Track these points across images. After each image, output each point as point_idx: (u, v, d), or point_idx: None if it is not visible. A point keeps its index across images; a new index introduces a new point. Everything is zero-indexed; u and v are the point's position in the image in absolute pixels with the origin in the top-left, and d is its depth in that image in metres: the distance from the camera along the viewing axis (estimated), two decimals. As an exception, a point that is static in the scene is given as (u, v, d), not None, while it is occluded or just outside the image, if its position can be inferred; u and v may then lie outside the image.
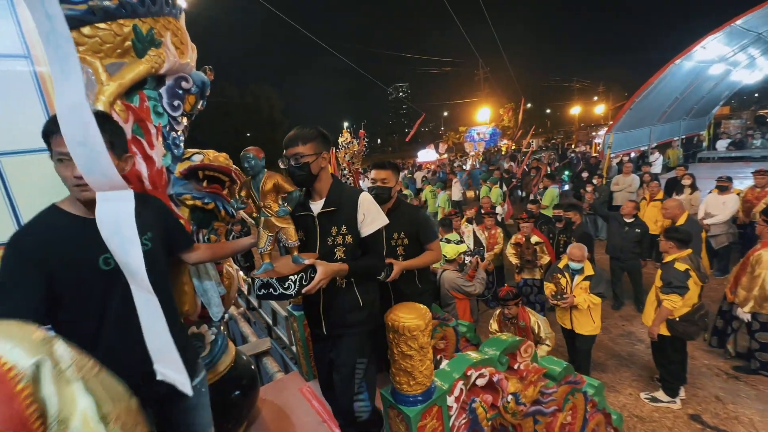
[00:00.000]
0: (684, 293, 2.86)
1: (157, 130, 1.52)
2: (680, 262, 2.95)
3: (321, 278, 1.38)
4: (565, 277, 3.41)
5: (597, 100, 46.86)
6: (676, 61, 9.42)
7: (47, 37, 0.78)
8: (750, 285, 3.22)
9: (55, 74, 0.80)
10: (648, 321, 3.15)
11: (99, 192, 0.93)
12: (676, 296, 2.87)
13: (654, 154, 10.92)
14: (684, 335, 2.97)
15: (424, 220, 2.28)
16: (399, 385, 1.35)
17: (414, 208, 2.46)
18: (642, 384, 3.46)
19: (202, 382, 1.38)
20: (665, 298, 2.92)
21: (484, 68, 34.62)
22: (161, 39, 1.45)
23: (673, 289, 2.89)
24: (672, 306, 2.89)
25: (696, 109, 14.27)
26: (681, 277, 2.89)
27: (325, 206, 1.54)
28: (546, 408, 1.85)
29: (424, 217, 2.34)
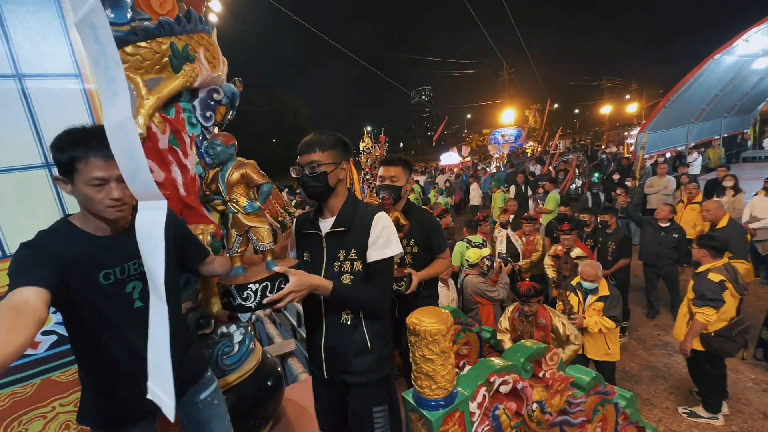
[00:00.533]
0: (719, 306, 2.66)
1: (191, 140, 1.61)
2: (714, 272, 2.75)
3: (291, 290, 1.17)
4: (577, 295, 3.15)
5: (629, 98, 44.97)
6: (716, 56, 8.92)
7: (97, 60, 0.85)
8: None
9: (104, 93, 0.87)
10: (680, 335, 2.96)
11: (140, 201, 0.99)
12: (709, 309, 2.67)
13: (692, 155, 10.35)
14: (720, 352, 2.76)
15: (435, 227, 2.10)
16: (421, 389, 1.36)
17: (426, 213, 2.25)
18: (679, 398, 3.27)
19: (214, 394, 1.36)
20: (698, 311, 2.73)
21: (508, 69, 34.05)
22: (195, 54, 1.54)
23: (707, 301, 2.69)
24: (705, 320, 2.70)
25: (739, 106, 13.40)
26: (715, 288, 2.69)
27: (335, 225, 1.34)
28: (574, 419, 1.79)
29: (435, 225, 2.15)
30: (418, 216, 2.07)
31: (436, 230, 2.09)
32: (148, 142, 1.42)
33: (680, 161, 10.24)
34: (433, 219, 2.18)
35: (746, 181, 6.21)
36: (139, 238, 1.00)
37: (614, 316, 3.00)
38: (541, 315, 2.87)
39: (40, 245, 1.01)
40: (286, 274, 1.20)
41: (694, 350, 2.85)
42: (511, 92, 34.18)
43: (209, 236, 1.56)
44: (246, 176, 1.25)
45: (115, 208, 1.07)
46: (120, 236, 1.14)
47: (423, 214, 2.14)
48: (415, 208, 2.14)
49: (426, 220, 2.08)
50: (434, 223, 2.12)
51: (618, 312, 3.04)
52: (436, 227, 2.11)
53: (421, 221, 2.05)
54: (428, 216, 2.18)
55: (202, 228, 1.56)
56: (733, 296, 2.73)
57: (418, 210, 2.16)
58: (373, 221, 1.34)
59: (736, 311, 2.77)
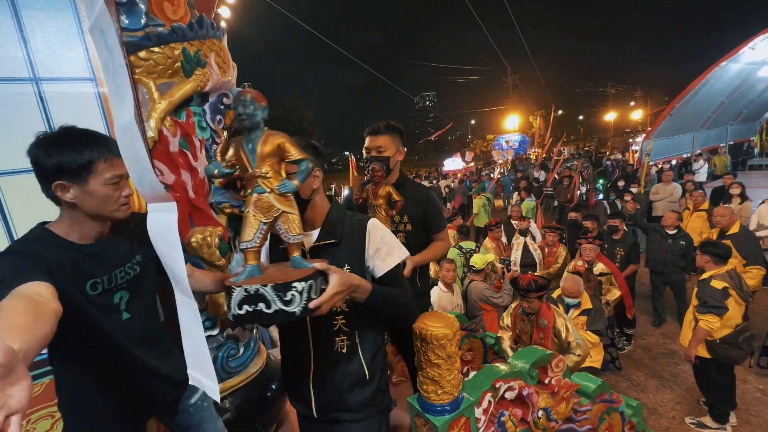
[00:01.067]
0: (722, 313, 2.64)
1: (201, 144, 1.63)
2: (718, 279, 2.74)
3: (336, 291, 0.97)
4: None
5: (634, 105, 44.96)
6: (722, 64, 8.92)
7: (106, 65, 0.87)
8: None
9: (113, 97, 0.89)
10: (686, 342, 2.94)
11: (149, 203, 1.01)
12: (712, 316, 2.66)
13: (698, 162, 10.29)
14: (726, 359, 2.74)
15: (433, 204, 1.87)
16: (426, 393, 1.35)
17: (422, 187, 2.00)
18: (687, 407, 3.23)
19: (203, 397, 1.36)
20: (701, 318, 2.72)
21: (512, 75, 34.15)
22: (206, 59, 1.57)
23: (709, 308, 2.68)
24: (709, 327, 2.68)
25: (745, 113, 13.35)
26: (718, 295, 2.68)
27: (322, 238, 1.16)
28: (579, 426, 1.77)
29: (434, 201, 1.90)
30: (413, 190, 1.86)
31: (435, 206, 1.87)
32: (160, 145, 1.44)
33: (686, 168, 10.20)
34: (430, 194, 1.95)
35: (753, 189, 6.16)
36: (152, 240, 1.01)
37: (598, 330, 2.94)
38: (544, 315, 2.68)
39: (26, 252, 0.95)
40: (326, 272, 0.99)
41: (701, 358, 2.82)
42: (516, 98, 34.28)
43: (217, 238, 1.57)
44: (282, 148, 0.99)
45: (126, 206, 1.08)
46: (104, 243, 1.10)
47: (419, 189, 1.93)
48: (409, 182, 1.94)
49: (422, 195, 1.87)
50: (431, 198, 1.90)
51: (602, 325, 2.97)
52: (434, 203, 1.89)
53: (416, 195, 1.84)
54: (425, 190, 1.96)
55: (210, 230, 1.57)
56: (738, 303, 2.71)
57: (413, 184, 1.95)
58: (368, 231, 1.18)
59: (741, 318, 2.74)
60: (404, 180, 1.91)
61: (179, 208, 1.57)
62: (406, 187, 1.85)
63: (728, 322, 2.69)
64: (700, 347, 2.80)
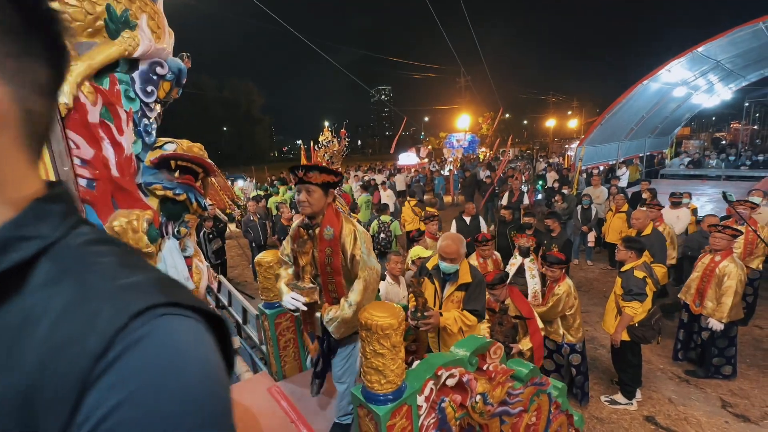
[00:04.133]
0: (644, 300, 3.02)
1: (128, 116, 1.45)
2: (638, 269, 3.12)
3: None
4: (434, 283, 2.45)
5: (571, 114, 48.97)
6: (644, 82, 10.00)
7: None
8: (718, 296, 3.40)
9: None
10: (608, 328, 3.29)
11: None
12: (636, 303, 3.03)
13: (621, 169, 11.51)
14: (642, 340, 3.13)
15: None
16: (370, 383, 1.35)
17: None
18: (602, 387, 3.61)
19: None
20: (626, 305, 3.07)
21: (465, 76, 35.33)
22: (136, 21, 1.40)
23: (634, 296, 3.05)
24: (633, 313, 3.04)
25: (660, 128, 15.17)
26: (640, 284, 3.05)
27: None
28: (512, 408, 1.89)
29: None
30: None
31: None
32: (75, 113, 1.26)
33: (612, 174, 11.35)
34: None
35: (663, 194, 7.03)
36: None
37: (475, 310, 2.35)
38: (329, 221, 2.07)
39: None
40: None
41: (622, 341, 3.18)
42: (467, 99, 35.54)
43: (145, 223, 1.42)
44: None
45: None
46: None
47: None
48: None
49: None
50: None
51: (481, 305, 2.40)
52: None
53: None
54: None
55: (137, 214, 1.41)
56: (651, 289, 3.10)
57: None
58: None
59: (652, 303, 3.14)
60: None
61: (100, 186, 1.39)
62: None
63: (644, 307, 3.07)
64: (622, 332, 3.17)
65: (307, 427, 1.91)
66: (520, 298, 2.96)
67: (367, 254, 1.80)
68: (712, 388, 3.51)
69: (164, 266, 1.57)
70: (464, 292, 2.37)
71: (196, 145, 1.71)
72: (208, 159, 1.72)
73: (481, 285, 2.43)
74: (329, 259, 1.78)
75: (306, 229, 1.82)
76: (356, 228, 1.83)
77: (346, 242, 1.77)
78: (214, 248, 6.86)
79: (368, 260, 1.80)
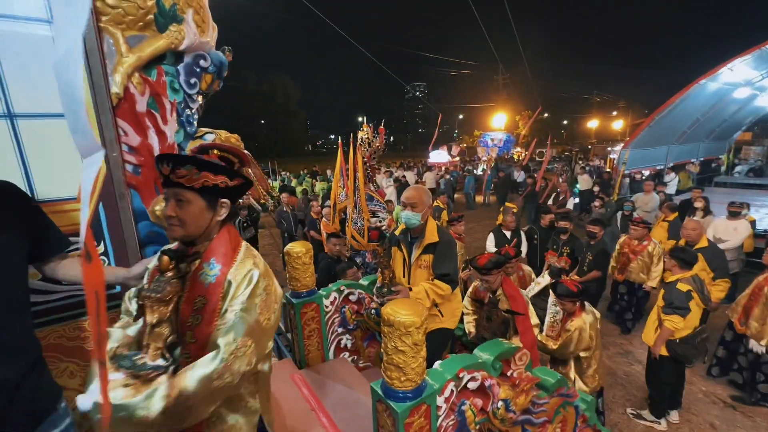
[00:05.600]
0: (685, 314, 2.81)
1: (172, 106, 1.53)
2: (683, 282, 2.90)
3: None
4: (401, 250, 2.20)
5: (616, 114, 46.27)
6: (701, 81, 9.23)
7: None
8: (764, 317, 3.13)
9: (58, 17, 0.74)
10: (648, 341, 3.10)
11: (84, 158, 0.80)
12: (677, 317, 2.82)
13: (669, 175, 10.75)
14: (683, 358, 2.92)
15: None
16: (390, 380, 1.35)
17: None
18: (635, 404, 3.41)
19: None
20: (666, 318, 2.88)
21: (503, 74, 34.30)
22: (183, 15, 1.46)
23: (675, 309, 2.84)
24: (673, 327, 2.84)
25: (717, 132, 13.98)
26: (683, 297, 2.84)
27: None
28: (536, 418, 1.83)
29: None
30: None
31: None
32: (125, 102, 1.34)
33: (659, 180, 10.63)
34: None
35: (716, 204, 6.47)
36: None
37: (446, 274, 2.05)
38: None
39: None
40: None
41: (660, 356, 2.99)
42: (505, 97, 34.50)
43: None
44: None
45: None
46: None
47: None
48: None
49: None
50: None
51: (452, 268, 2.08)
52: None
53: None
54: None
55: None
56: (699, 306, 2.88)
57: None
58: None
59: (700, 321, 2.92)
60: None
61: (144, 172, 1.47)
62: None
63: (688, 323, 2.86)
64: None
65: (326, 416, 1.94)
66: (513, 290, 2.58)
67: (253, 316, 1.07)
68: (762, 417, 3.21)
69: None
70: (432, 255, 2.12)
71: (233, 135, 1.77)
72: (244, 150, 1.77)
73: (450, 245, 2.15)
74: (195, 319, 1.06)
75: (175, 261, 1.10)
76: (262, 270, 1.14)
77: (230, 291, 1.07)
78: (247, 237, 7.13)
79: (245, 325, 1.05)
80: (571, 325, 2.66)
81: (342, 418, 1.94)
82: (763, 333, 3.12)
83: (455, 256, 2.18)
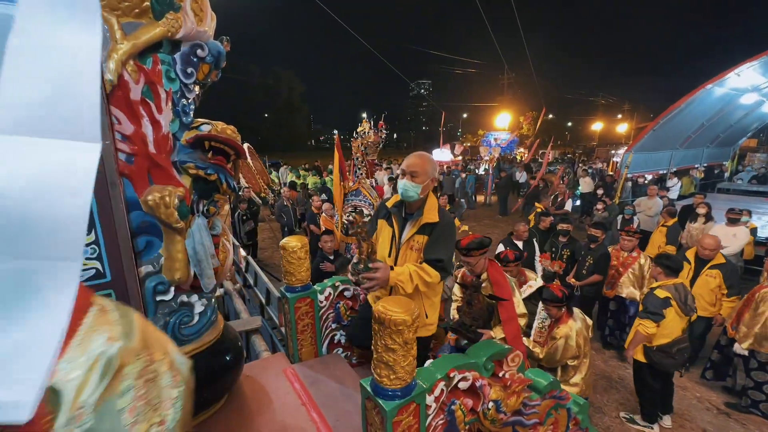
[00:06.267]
0: (658, 320, 2.80)
1: (168, 95, 1.51)
2: (662, 289, 2.89)
3: None
4: (392, 226, 1.91)
5: (621, 118, 46.06)
6: (708, 86, 9.17)
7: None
8: (752, 322, 3.14)
9: None
10: (627, 344, 3.13)
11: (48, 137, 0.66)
12: (649, 321, 2.83)
13: (672, 180, 10.70)
14: (659, 366, 2.91)
15: None
16: (379, 377, 1.34)
17: None
18: (629, 408, 3.41)
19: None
20: (640, 322, 2.91)
21: (508, 73, 34.14)
22: (180, 3, 1.43)
23: (648, 314, 2.86)
24: (645, 331, 2.84)
25: (722, 137, 13.90)
26: (658, 303, 2.84)
27: None
28: (527, 420, 1.82)
29: None
30: None
31: None
32: (119, 90, 1.32)
33: (661, 185, 10.57)
34: None
35: (718, 211, 6.44)
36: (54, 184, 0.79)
37: (439, 260, 1.72)
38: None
39: None
40: None
41: (638, 361, 3.01)
42: (509, 97, 34.36)
43: (176, 199, 1.47)
44: None
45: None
46: None
47: None
48: None
49: None
50: None
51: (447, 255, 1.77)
52: None
53: None
54: None
55: (170, 190, 1.47)
56: (678, 315, 2.84)
57: None
58: None
59: (681, 331, 2.88)
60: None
61: (137, 161, 1.46)
62: None
63: (665, 331, 2.84)
64: (639, 352, 2.98)
65: (317, 411, 1.94)
66: (499, 275, 2.37)
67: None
68: (756, 425, 3.21)
69: (192, 242, 1.64)
70: (427, 237, 1.80)
71: (229, 127, 1.75)
72: (239, 141, 1.75)
73: (451, 228, 1.86)
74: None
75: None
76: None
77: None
78: (246, 229, 7.14)
79: None
80: (557, 333, 2.61)
81: (332, 413, 1.93)
82: (747, 336, 3.13)
83: (453, 243, 1.94)
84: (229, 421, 1.90)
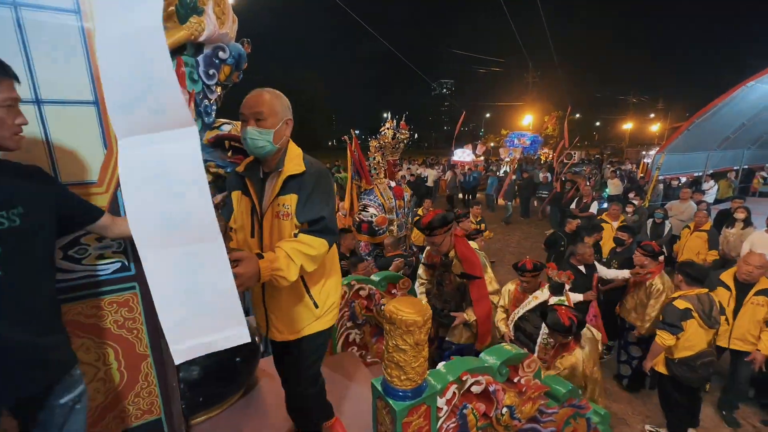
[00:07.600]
0: (676, 333, 2.63)
1: (191, 96, 1.56)
2: (683, 299, 2.71)
3: None
4: (249, 195, 1.51)
5: (653, 117, 44.00)
6: (749, 83, 8.61)
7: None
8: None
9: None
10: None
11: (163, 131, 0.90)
12: (666, 333, 2.67)
13: (708, 182, 10.13)
14: (681, 379, 2.74)
15: None
16: (390, 377, 1.34)
17: None
18: (655, 421, 3.25)
19: (78, 398, 1.15)
20: (658, 333, 2.75)
21: (533, 72, 33.32)
22: (203, 7, 1.48)
23: (665, 325, 2.70)
24: (662, 343, 2.68)
25: (765, 138, 13.03)
26: (677, 314, 2.67)
27: None
28: (543, 428, 1.77)
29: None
30: None
31: None
32: (144, 92, 1.38)
33: (696, 188, 10.03)
34: None
35: (758, 216, 6.03)
36: (172, 177, 0.92)
37: (317, 219, 1.39)
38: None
39: None
40: None
41: (661, 374, 2.86)
42: (533, 96, 33.53)
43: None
44: None
45: (20, 135, 1.02)
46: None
47: None
48: None
49: None
50: None
51: (328, 211, 1.40)
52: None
53: None
54: None
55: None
56: (701, 327, 2.63)
57: None
58: None
59: (707, 344, 2.68)
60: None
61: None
62: None
63: (687, 344, 2.66)
64: (661, 364, 2.83)
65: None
66: (468, 251, 2.16)
67: None
68: (796, 446, 2.99)
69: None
70: (296, 195, 1.37)
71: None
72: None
73: (323, 177, 1.44)
74: None
75: None
76: None
77: None
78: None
79: None
80: (561, 363, 2.32)
81: (344, 411, 1.95)
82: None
83: (332, 194, 1.47)
84: (245, 414, 1.95)
